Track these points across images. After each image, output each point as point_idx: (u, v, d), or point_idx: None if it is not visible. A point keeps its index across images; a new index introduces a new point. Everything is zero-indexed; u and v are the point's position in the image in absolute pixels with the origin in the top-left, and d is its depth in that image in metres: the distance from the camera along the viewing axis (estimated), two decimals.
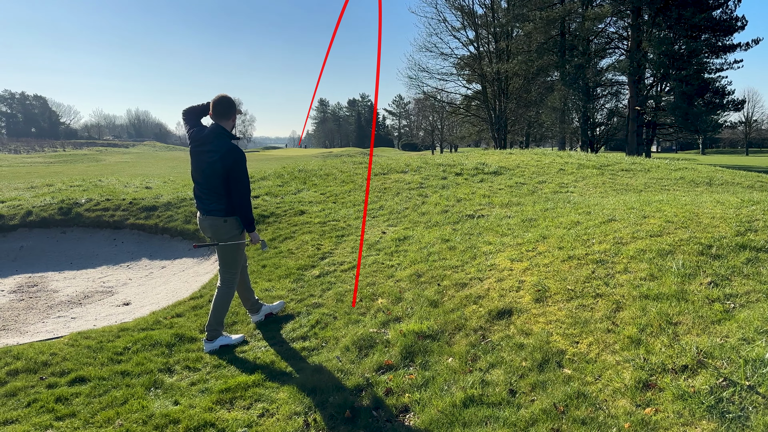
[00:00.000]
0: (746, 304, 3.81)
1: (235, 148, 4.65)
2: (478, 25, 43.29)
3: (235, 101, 4.80)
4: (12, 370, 4.34)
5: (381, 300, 5.29)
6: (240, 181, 4.63)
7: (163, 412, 3.67)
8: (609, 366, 3.51)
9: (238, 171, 4.60)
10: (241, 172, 4.61)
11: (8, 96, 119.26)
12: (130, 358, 4.57)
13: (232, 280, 4.97)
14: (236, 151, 4.62)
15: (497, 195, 9.22)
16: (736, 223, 5.18)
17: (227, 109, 4.73)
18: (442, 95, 49.62)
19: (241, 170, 4.62)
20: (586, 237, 5.62)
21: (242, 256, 5.04)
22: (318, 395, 3.75)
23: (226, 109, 4.72)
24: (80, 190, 11.71)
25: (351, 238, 7.50)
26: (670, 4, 34.45)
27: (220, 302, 4.88)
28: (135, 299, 6.90)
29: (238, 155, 4.61)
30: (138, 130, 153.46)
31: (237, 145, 4.71)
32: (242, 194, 4.68)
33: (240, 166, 4.60)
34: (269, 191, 10.81)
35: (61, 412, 3.71)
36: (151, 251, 8.99)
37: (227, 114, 4.73)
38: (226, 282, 4.94)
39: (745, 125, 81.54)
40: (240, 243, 4.90)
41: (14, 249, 9.06)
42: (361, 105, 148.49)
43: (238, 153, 4.63)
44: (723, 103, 37.12)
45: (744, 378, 3.03)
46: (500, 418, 3.24)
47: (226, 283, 4.94)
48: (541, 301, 4.52)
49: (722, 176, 11.27)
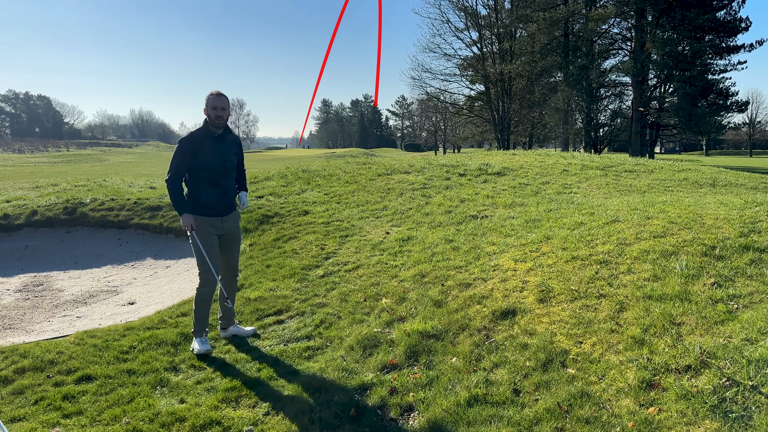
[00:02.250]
0: (749, 305, 3.82)
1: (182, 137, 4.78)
2: (481, 25, 43.28)
3: (207, 97, 4.71)
4: (19, 368, 4.38)
5: (385, 300, 5.32)
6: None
7: (169, 410, 3.70)
8: (613, 366, 3.53)
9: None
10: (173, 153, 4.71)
11: (12, 96, 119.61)
12: (136, 357, 4.60)
13: (203, 279, 4.77)
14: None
15: (501, 196, 9.23)
16: (739, 224, 5.19)
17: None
18: (445, 96, 49.67)
19: (173, 152, 4.69)
20: (589, 238, 5.63)
21: (210, 248, 4.75)
22: (323, 394, 3.78)
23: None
24: (85, 190, 11.77)
25: (355, 239, 7.53)
26: (673, 5, 34.43)
27: (195, 302, 4.83)
28: (140, 298, 6.93)
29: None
30: (142, 130, 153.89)
31: (190, 133, 4.74)
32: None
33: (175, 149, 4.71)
34: (273, 191, 10.85)
35: (68, 410, 3.75)
36: (155, 251, 9.03)
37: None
38: (199, 278, 4.83)
39: (749, 126, 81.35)
40: (192, 236, 4.71)
41: (20, 248, 9.11)
42: (364, 105, 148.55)
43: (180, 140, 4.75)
44: (727, 104, 37.09)
45: (747, 378, 3.05)
46: (504, 418, 3.26)
47: (199, 281, 4.83)
48: (545, 302, 4.54)
49: (726, 177, 11.26)
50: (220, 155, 4.70)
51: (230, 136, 4.86)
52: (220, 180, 4.74)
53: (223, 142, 4.75)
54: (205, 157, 4.62)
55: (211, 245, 4.74)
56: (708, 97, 36.54)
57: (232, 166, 4.87)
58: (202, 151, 4.62)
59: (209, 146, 4.66)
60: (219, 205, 4.76)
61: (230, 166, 4.83)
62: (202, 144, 4.64)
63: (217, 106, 4.66)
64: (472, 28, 43.71)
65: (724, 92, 37.01)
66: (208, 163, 4.64)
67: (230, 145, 4.83)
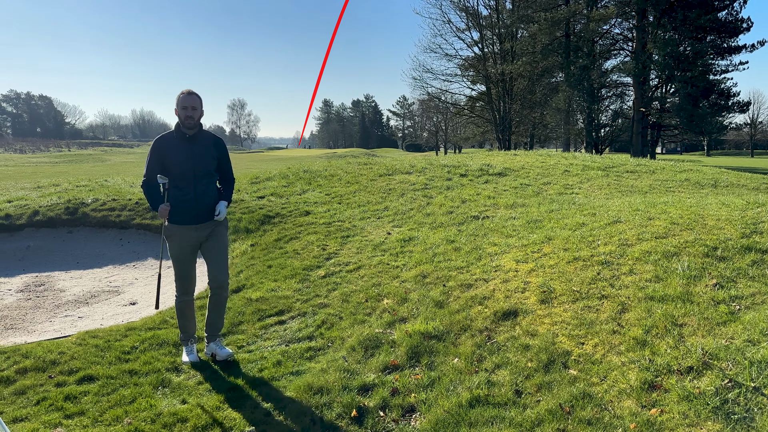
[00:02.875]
0: (751, 306, 3.82)
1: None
2: (482, 26, 43.25)
3: (178, 96, 4.33)
4: (21, 368, 4.38)
5: (387, 300, 5.32)
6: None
7: (171, 410, 3.70)
8: (614, 367, 3.53)
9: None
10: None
11: (14, 96, 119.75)
12: (137, 357, 4.60)
13: (177, 287, 4.55)
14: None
15: (502, 196, 9.23)
16: (741, 225, 5.18)
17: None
18: (446, 96, 49.64)
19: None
20: (591, 238, 5.63)
21: (177, 260, 4.46)
22: (324, 395, 3.78)
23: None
24: (86, 190, 11.78)
25: (356, 239, 7.53)
26: (675, 6, 34.38)
27: (175, 311, 4.65)
28: (141, 299, 6.94)
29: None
30: (143, 130, 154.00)
31: (161, 135, 4.43)
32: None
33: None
34: (274, 192, 10.85)
35: (70, 410, 3.75)
36: (157, 251, 9.03)
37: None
38: (175, 287, 4.59)
39: (751, 127, 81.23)
40: (164, 239, 4.49)
41: (21, 248, 9.12)
42: (365, 106, 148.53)
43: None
44: (728, 104, 37.01)
45: (749, 379, 3.05)
46: (506, 419, 3.26)
47: (176, 289, 4.59)
48: (547, 302, 4.53)
49: (727, 178, 11.26)
50: (189, 159, 4.31)
51: (205, 137, 4.44)
52: (189, 186, 4.35)
53: (194, 144, 4.36)
54: (173, 161, 4.30)
55: (181, 256, 4.44)
56: (709, 97, 36.48)
57: (207, 171, 4.41)
58: (171, 154, 4.30)
59: (179, 149, 4.32)
60: (189, 212, 4.36)
61: (203, 171, 4.39)
62: (171, 147, 4.32)
63: (187, 106, 4.29)
64: (474, 28, 43.72)
65: (725, 93, 36.94)
66: (177, 167, 4.31)
67: (204, 148, 4.41)
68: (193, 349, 4.57)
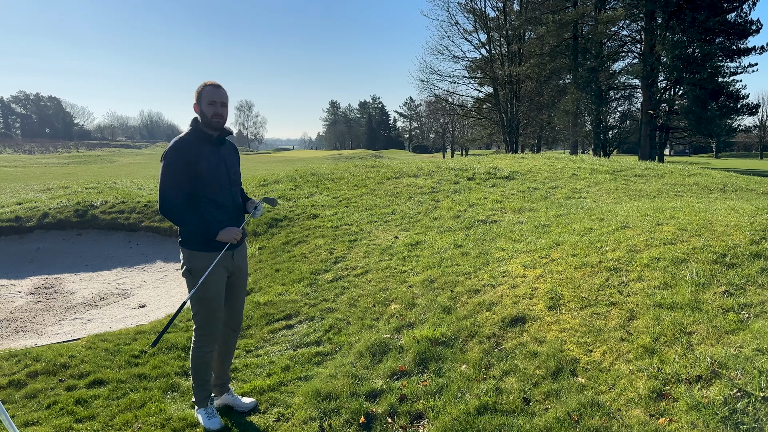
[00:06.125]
0: (761, 314, 3.80)
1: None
2: (490, 28, 43.22)
3: (200, 90, 3.54)
4: (32, 371, 4.42)
5: (394, 305, 5.33)
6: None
7: (180, 415, 3.72)
8: (623, 375, 3.52)
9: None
10: (161, 170, 3.46)
11: (23, 97, 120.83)
12: (147, 362, 4.63)
13: (204, 335, 3.62)
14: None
15: (510, 200, 9.22)
16: (750, 232, 5.16)
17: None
18: (453, 98, 49.59)
19: (162, 168, 3.45)
20: (599, 244, 5.62)
21: (212, 299, 3.57)
22: (332, 401, 3.79)
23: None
24: (95, 192, 11.85)
25: (364, 243, 7.54)
26: (684, 8, 34.26)
27: (193, 364, 3.68)
28: (150, 302, 6.98)
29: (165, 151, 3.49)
30: (151, 131, 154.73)
31: (180, 138, 3.50)
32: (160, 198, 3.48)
33: (162, 164, 3.47)
34: (282, 194, 10.89)
35: (80, 415, 3.78)
36: (165, 253, 9.08)
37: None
38: (196, 334, 3.65)
39: (760, 129, 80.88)
40: (189, 273, 3.55)
41: (31, 250, 9.20)
42: (372, 107, 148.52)
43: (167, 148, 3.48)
44: (737, 107, 36.87)
45: (758, 389, 3.03)
46: (514, 427, 3.26)
47: (196, 337, 3.65)
48: (555, 309, 4.53)
49: (736, 182, 11.19)
50: (223, 165, 3.57)
51: (229, 139, 3.69)
52: (227, 198, 3.59)
53: (223, 147, 3.61)
54: (207, 170, 3.46)
55: (217, 294, 3.60)
56: (718, 99, 36.34)
57: (238, 178, 3.75)
58: (201, 160, 3.45)
59: (208, 154, 3.50)
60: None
61: (236, 179, 3.71)
62: (199, 152, 3.46)
63: (216, 101, 3.49)
64: (481, 30, 43.67)
65: (734, 95, 36.78)
66: (212, 178, 3.49)
67: (232, 151, 3.72)
68: (214, 412, 3.68)
